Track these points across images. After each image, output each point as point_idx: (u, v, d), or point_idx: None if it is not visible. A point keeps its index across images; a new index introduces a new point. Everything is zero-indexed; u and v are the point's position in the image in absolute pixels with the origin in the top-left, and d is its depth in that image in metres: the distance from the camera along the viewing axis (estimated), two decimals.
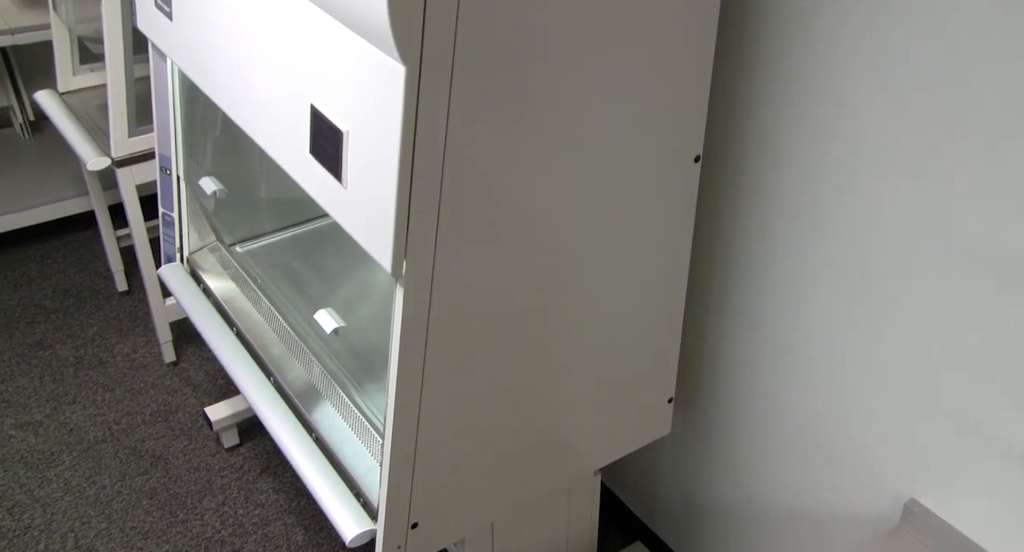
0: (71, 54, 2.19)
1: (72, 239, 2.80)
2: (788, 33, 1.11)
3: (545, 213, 1.06)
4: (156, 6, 1.35)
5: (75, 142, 2.00)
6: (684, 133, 1.14)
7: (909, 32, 0.98)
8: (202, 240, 1.72)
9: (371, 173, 0.94)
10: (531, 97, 0.96)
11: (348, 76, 0.93)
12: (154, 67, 1.52)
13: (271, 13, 1.05)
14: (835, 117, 1.09)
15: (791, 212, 1.21)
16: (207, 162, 1.63)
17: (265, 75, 1.10)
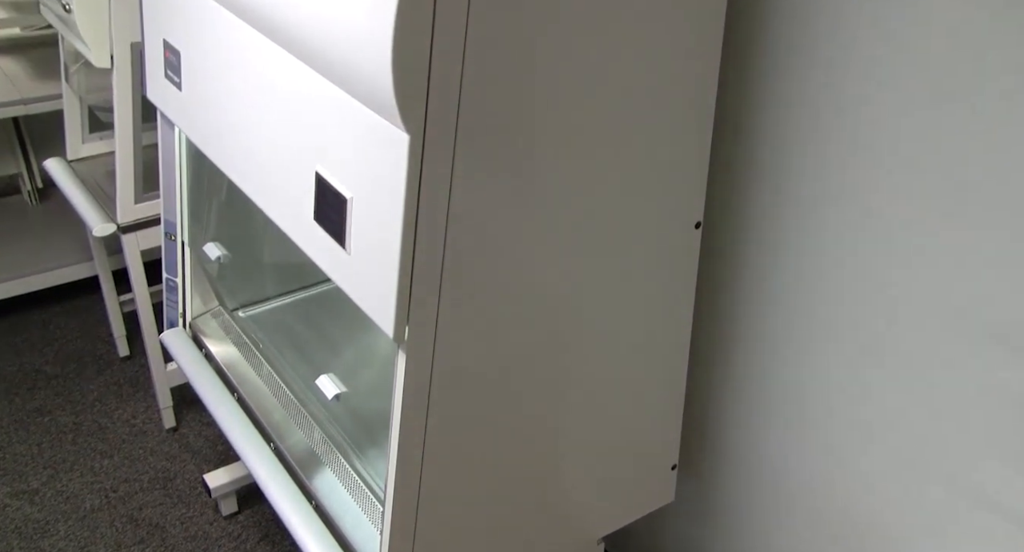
0: (81, 123, 2.22)
1: (75, 305, 2.81)
2: (788, 101, 1.13)
3: (547, 280, 1.07)
4: (166, 77, 1.38)
5: (82, 208, 2.02)
6: (685, 199, 1.15)
7: (908, 106, 0.99)
8: (205, 305, 1.73)
9: (374, 239, 0.94)
10: (533, 166, 0.97)
11: (353, 144, 0.95)
12: (162, 135, 1.55)
13: (277, 83, 1.07)
14: (836, 185, 1.11)
15: (793, 278, 1.21)
16: (211, 228, 1.65)
17: (271, 143, 1.12)
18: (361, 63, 0.86)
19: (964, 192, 0.97)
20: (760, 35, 1.13)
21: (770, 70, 1.13)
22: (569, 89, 0.96)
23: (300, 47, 0.98)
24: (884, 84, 1.01)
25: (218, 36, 1.19)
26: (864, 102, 1.03)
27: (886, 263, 1.08)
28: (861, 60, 1.02)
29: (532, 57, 0.91)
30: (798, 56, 1.09)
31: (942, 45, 0.94)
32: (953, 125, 0.95)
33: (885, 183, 1.04)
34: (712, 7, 1.04)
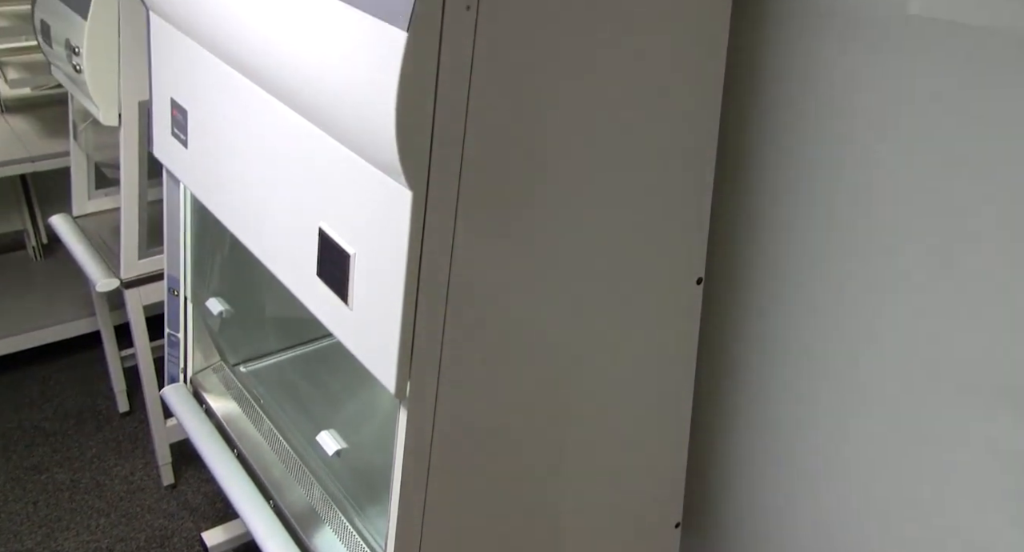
0: (87, 180, 2.25)
1: (76, 360, 2.80)
2: (787, 157, 1.14)
3: (548, 336, 1.07)
4: (172, 134, 1.40)
5: (85, 264, 2.03)
6: (686, 256, 1.16)
7: (912, 160, 1.01)
8: (206, 360, 1.72)
9: (377, 295, 0.95)
10: (534, 223, 0.98)
11: (356, 200, 0.96)
12: (167, 192, 1.56)
13: (282, 140, 1.08)
14: (839, 238, 1.11)
15: (797, 333, 1.21)
16: (214, 283, 1.65)
17: (275, 199, 1.13)
18: (365, 122, 0.87)
19: (973, 250, 0.97)
20: (760, 96, 1.15)
21: (770, 128, 1.15)
22: (569, 147, 0.97)
23: (305, 105, 0.99)
24: (886, 141, 1.02)
25: (225, 94, 1.21)
26: (865, 158, 1.05)
27: (893, 322, 1.08)
28: (861, 116, 1.03)
29: (533, 118, 0.93)
30: (797, 115, 1.11)
31: (943, 107, 0.95)
32: (960, 181, 0.97)
33: (890, 237, 1.05)
34: (710, 70, 1.06)
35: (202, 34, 1.20)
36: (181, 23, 1.26)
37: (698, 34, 1.02)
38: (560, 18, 0.90)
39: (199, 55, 1.25)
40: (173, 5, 1.25)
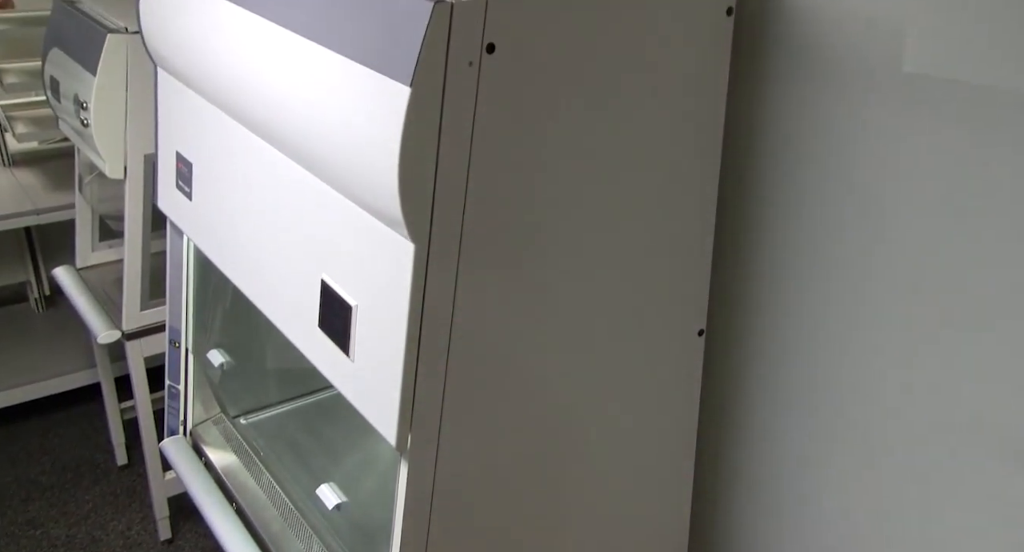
0: (92, 232, 2.27)
1: (75, 412, 2.79)
2: (786, 211, 1.15)
3: (550, 388, 1.07)
4: (177, 187, 1.42)
5: (87, 315, 2.03)
6: (687, 308, 1.16)
7: (912, 213, 1.01)
8: (207, 412, 1.72)
9: (378, 347, 0.95)
10: (537, 276, 0.99)
11: (359, 252, 0.97)
12: (170, 243, 1.57)
13: (286, 192, 1.09)
14: (836, 291, 1.12)
15: (797, 384, 1.21)
16: (215, 335, 1.65)
17: (278, 251, 1.14)
18: (368, 175, 0.88)
19: (975, 306, 0.98)
20: (759, 152, 1.16)
21: (769, 183, 1.16)
22: (571, 202, 0.98)
23: (308, 158, 1.01)
24: (886, 197, 1.03)
25: (230, 148, 1.23)
26: (864, 214, 1.05)
27: (898, 378, 1.08)
28: (859, 172, 1.05)
29: (535, 174, 0.94)
30: (796, 171, 1.12)
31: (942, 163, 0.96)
32: (962, 238, 0.97)
33: (892, 293, 1.05)
34: (709, 127, 1.07)
35: (208, 89, 1.22)
36: (188, 79, 1.28)
37: (697, 92, 1.04)
38: (561, 75, 0.91)
39: (205, 109, 1.27)
40: (181, 61, 1.28)
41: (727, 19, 1.03)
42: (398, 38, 0.82)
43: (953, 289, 0.98)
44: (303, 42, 0.96)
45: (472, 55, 0.83)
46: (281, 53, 1.00)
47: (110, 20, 1.81)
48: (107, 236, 2.30)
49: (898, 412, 1.08)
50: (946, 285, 0.99)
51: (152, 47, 1.36)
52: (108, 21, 1.80)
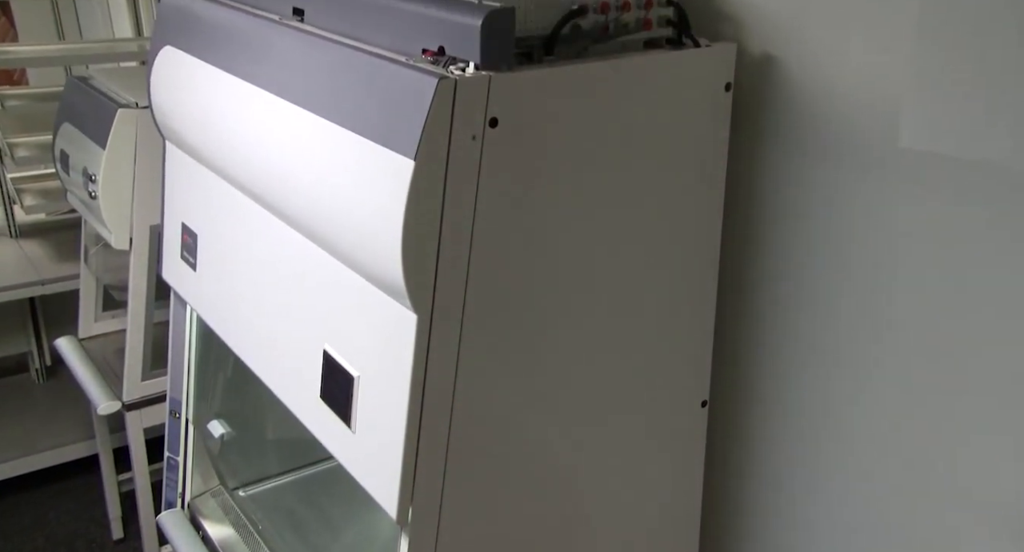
0: (95, 302, 2.27)
1: (72, 484, 2.75)
2: (787, 281, 1.16)
3: (553, 460, 1.06)
4: (182, 257, 1.43)
5: (88, 386, 2.02)
6: (690, 379, 1.16)
7: (906, 286, 1.02)
8: (205, 484, 1.69)
9: (380, 419, 0.95)
10: (540, 346, 0.99)
11: (361, 323, 0.97)
12: (174, 314, 1.58)
13: (289, 263, 1.10)
14: (834, 359, 1.11)
15: (802, 451, 1.20)
16: (216, 405, 1.64)
17: (280, 321, 1.14)
18: (371, 246, 0.89)
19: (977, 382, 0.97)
20: (758, 225, 1.17)
21: (768, 255, 1.16)
22: (573, 276, 0.99)
23: (312, 230, 1.02)
24: (885, 270, 1.03)
25: (235, 219, 1.24)
26: (864, 286, 1.06)
27: (889, 441, 1.07)
28: (858, 245, 1.05)
29: (537, 246, 0.95)
30: (794, 243, 1.13)
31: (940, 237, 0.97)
32: (961, 313, 0.98)
33: (892, 367, 1.05)
34: (710, 203, 1.09)
35: (215, 162, 1.24)
36: (195, 151, 1.31)
37: (698, 166, 1.06)
38: (563, 149, 0.93)
39: (211, 181, 1.29)
40: (189, 135, 1.30)
41: (726, 95, 1.05)
42: (402, 112, 0.84)
43: (951, 360, 0.98)
44: (308, 116, 0.98)
45: (475, 129, 0.85)
46: (287, 126, 1.02)
47: (121, 95, 1.85)
48: (110, 306, 2.31)
49: (900, 488, 1.07)
50: (944, 356, 0.99)
51: (161, 121, 1.39)
52: (119, 96, 1.84)
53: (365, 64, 0.91)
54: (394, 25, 0.93)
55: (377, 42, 0.95)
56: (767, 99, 1.09)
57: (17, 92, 2.77)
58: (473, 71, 0.84)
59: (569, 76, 0.91)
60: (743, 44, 1.08)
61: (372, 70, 0.90)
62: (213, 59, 1.20)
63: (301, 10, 1.10)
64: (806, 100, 1.05)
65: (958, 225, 0.95)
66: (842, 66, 1.00)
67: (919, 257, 0.99)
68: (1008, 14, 0.86)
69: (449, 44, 0.87)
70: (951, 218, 0.95)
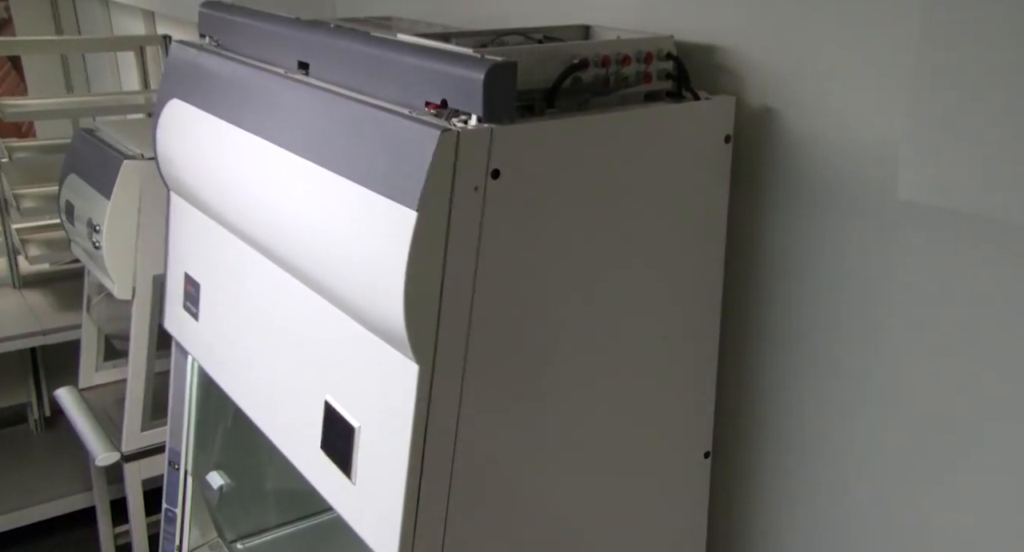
0: (96, 352, 2.27)
1: (69, 537, 2.72)
2: (787, 333, 1.16)
3: (555, 510, 1.05)
4: (184, 307, 1.43)
5: (86, 437, 2.01)
6: (693, 430, 1.15)
7: (906, 336, 1.02)
8: (203, 536, 1.67)
9: (380, 470, 0.94)
10: (542, 396, 0.98)
11: (363, 373, 0.97)
12: (175, 364, 1.58)
13: (292, 313, 1.11)
14: (835, 414, 1.11)
15: (803, 510, 1.18)
16: (215, 456, 1.63)
17: (282, 372, 1.14)
18: (374, 296, 0.89)
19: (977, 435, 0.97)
20: (759, 278, 1.17)
21: (769, 305, 1.17)
22: (575, 325, 0.99)
23: (316, 280, 1.02)
24: (886, 319, 1.04)
25: (238, 269, 1.25)
26: (865, 337, 1.06)
27: (891, 499, 1.06)
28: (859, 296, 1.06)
29: (539, 296, 0.95)
30: (796, 295, 1.13)
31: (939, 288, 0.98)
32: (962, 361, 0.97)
33: (894, 416, 1.05)
34: (711, 253, 1.09)
35: (219, 212, 1.25)
36: (199, 202, 1.32)
37: (698, 216, 1.06)
38: (565, 200, 0.94)
39: (215, 232, 1.30)
40: (193, 185, 1.31)
41: (726, 146, 1.06)
42: (405, 163, 0.85)
43: (950, 416, 0.98)
44: (312, 167, 0.99)
45: (478, 181, 0.86)
46: (291, 177, 1.03)
47: (126, 147, 1.87)
48: (111, 356, 2.30)
49: (900, 537, 1.05)
50: (942, 410, 0.98)
51: (166, 172, 1.41)
52: (125, 148, 1.86)
53: (369, 116, 0.93)
54: (397, 78, 0.95)
55: (381, 95, 0.97)
56: (767, 151, 1.10)
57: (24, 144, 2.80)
58: (475, 123, 0.85)
59: (570, 128, 0.92)
60: (742, 97, 1.10)
61: (376, 122, 0.91)
62: (219, 111, 1.22)
63: (306, 63, 1.12)
64: (805, 152, 1.06)
65: (956, 275, 0.95)
66: (840, 118, 1.02)
67: (920, 307, 0.99)
68: (1003, 68, 0.87)
69: (452, 97, 0.88)
70: (949, 268, 0.95)
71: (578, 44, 1.04)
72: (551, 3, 1.34)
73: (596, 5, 1.27)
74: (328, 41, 1.08)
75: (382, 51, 0.98)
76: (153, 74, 2.89)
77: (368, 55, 1.00)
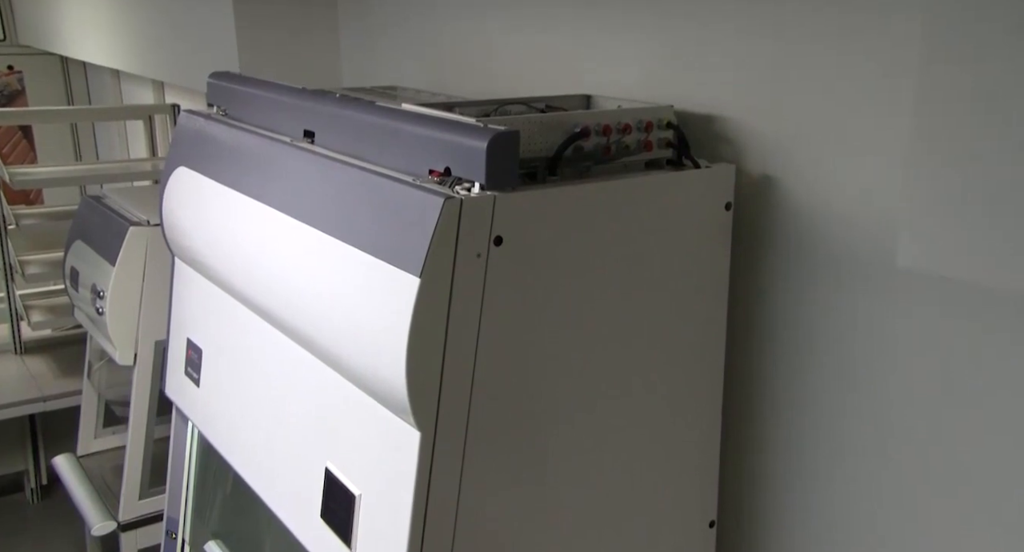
0: (96, 418, 2.26)
1: None
2: (790, 397, 1.15)
3: None
4: (186, 373, 1.43)
5: (83, 506, 1.98)
6: (698, 499, 1.13)
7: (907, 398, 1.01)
8: None
9: (381, 538, 0.92)
10: (544, 463, 0.97)
11: (364, 440, 0.96)
12: (175, 431, 1.56)
13: (294, 380, 1.10)
14: (841, 479, 1.09)
15: None
16: (213, 525, 1.61)
17: (283, 438, 1.13)
18: (376, 362, 0.89)
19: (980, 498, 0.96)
20: (761, 342, 1.17)
21: (771, 371, 1.16)
22: (577, 391, 0.99)
23: (319, 346, 1.02)
24: (887, 381, 1.03)
25: (241, 335, 1.24)
26: (864, 399, 1.05)
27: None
28: (861, 358, 1.05)
29: (541, 361, 0.95)
30: (797, 359, 1.13)
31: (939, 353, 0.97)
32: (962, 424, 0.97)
33: (894, 480, 1.03)
34: (713, 316, 1.09)
35: (223, 278, 1.26)
36: (204, 268, 1.32)
37: (700, 282, 1.07)
38: (567, 265, 0.94)
39: (218, 298, 1.30)
40: (198, 251, 1.32)
41: (726, 213, 1.07)
42: (409, 230, 0.86)
43: (953, 478, 0.96)
44: (317, 233, 1.00)
45: (480, 247, 0.86)
46: (295, 243, 1.04)
47: (133, 213, 1.89)
48: (111, 422, 2.29)
49: None
50: (946, 473, 0.97)
51: (171, 238, 1.42)
52: (131, 214, 1.88)
53: (373, 183, 0.94)
54: (402, 146, 0.96)
55: (385, 162, 0.98)
56: (767, 218, 1.11)
57: (32, 211, 2.83)
58: (478, 191, 0.86)
59: (572, 196, 0.93)
60: (742, 165, 1.11)
61: (379, 189, 0.92)
62: (226, 179, 1.23)
63: (312, 132, 1.13)
64: (805, 219, 1.07)
65: (954, 340, 0.95)
66: (839, 186, 1.03)
67: (920, 372, 0.99)
68: (998, 140, 0.88)
69: (455, 165, 0.89)
70: (947, 334, 0.95)
71: (580, 113, 1.06)
72: (553, 73, 1.37)
73: (597, 75, 1.29)
74: (333, 110, 1.10)
75: (387, 120, 1.00)
76: (161, 142, 2.93)
77: (373, 124, 1.02)
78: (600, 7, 1.28)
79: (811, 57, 1.02)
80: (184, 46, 2.23)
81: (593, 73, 1.30)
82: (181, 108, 2.67)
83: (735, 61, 1.10)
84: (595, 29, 1.29)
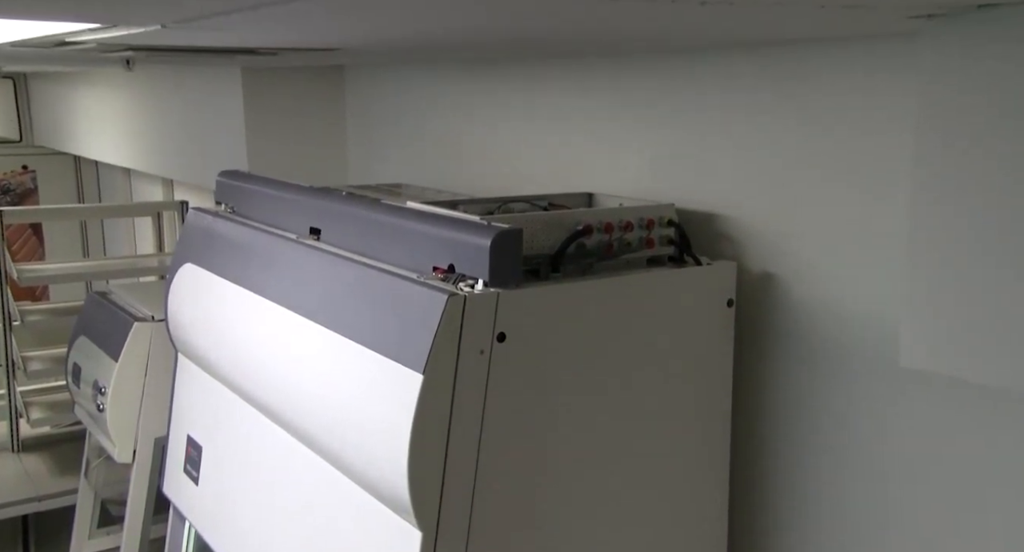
0: (91, 518, 2.21)
1: None
2: (792, 486, 1.13)
3: None
4: (185, 471, 1.41)
5: None
6: None
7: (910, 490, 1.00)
8: None
9: None
10: None
11: (365, 541, 0.94)
12: (171, 530, 1.53)
13: (294, 478, 1.08)
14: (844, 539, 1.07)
15: None
16: None
17: (282, 537, 1.11)
18: (378, 459, 0.88)
19: None
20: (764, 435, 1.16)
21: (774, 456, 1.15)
22: (580, 486, 0.97)
23: (319, 443, 1.01)
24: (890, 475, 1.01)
25: (242, 432, 1.23)
26: (867, 492, 1.03)
27: None
28: (864, 451, 1.04)
29: (544, 457, 0.94)
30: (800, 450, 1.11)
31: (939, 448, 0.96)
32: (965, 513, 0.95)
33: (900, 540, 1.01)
34: (717, 412, 1.08)
35: (227, 374, 1.25)
36: (208, 364, 1.32)
37: (702, 377, 1.06)
38: (570, 361, 0.94)
39: (221, 394, 1.30)
40: (202, 347, 1.32)
41: (728, 310, 1.08)
42: (412, 327, 0.86)
43: None
44: (321, 330, 1.00)
45: (483, 344, 0.87)
46: (300, 339, 1.04)
47: (138, 309, 1.89)
48: (106, 522, 2.24)
49: None
50: None
51: (175, 333, 1.42)
52: (136, 310, 1.89)
53: (377, 280, 0.95)
54: (406, 243, 0.98)
55: (390, 259, 0.99)
56: (769, 315, 1.11)
57: (36, 307, 2.84)
58: (482, 288, 0.87)
59: (575, 293, 0.94)
60: (743, 262, 1.12)
61: (384, 286, 0.93)
62: (231, 275, 1.24)
63: (318, 229, 1.15)
64: (806, 316, 1.07)
65: (960, 443, 0.94)
66: (839, 284, 1.03)
67: (924, 469, 0.97)
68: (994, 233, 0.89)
69: (459, 262, 0.90)
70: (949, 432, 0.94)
71: (582, 211, 1.07)
72: (555, 172, 1.40)
73: (599, 173, 1.32)
74: (339, 207, 1.11)
75: (391, 218, 1.01)
76: (168, 237, 2.96)
77: (378, 221, 1.03)
78: (602, 109, 1.31)
79: (809, 158, 1.04)
80: (194, 145, 2.28)
81: (595, 171, 1.33)
82: (189, 205, 2.71)
83: (735, 162, 1.12)
84: (598, 130, 1.32)
